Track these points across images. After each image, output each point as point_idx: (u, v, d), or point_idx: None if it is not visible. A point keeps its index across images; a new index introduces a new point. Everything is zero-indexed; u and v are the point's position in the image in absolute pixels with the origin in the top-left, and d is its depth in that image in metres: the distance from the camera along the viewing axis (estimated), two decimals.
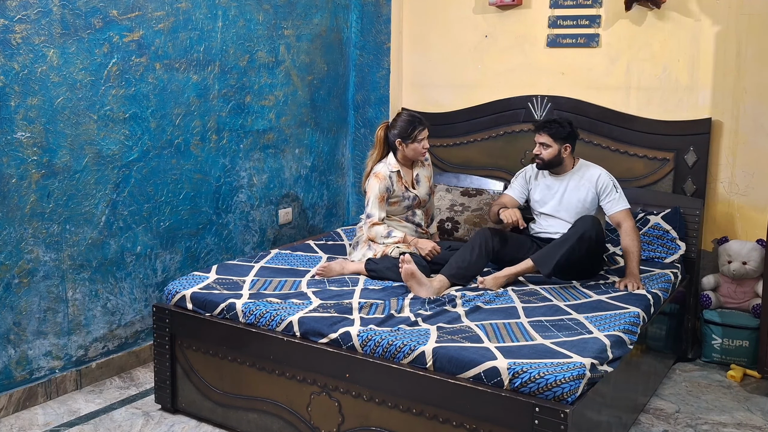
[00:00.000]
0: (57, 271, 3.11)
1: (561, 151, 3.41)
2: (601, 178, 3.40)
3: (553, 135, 3.38)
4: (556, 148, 3.39)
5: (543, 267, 3.14)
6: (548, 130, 3.39)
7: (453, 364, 2.35)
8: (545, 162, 3.43)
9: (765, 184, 3.63)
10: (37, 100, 2.97)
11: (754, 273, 3.58)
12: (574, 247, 3.11)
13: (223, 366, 2.87)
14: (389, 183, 3.41)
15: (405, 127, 3.41)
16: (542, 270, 3.15)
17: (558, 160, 3.43)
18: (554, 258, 3.11)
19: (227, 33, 3.78)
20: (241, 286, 3.05)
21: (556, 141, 3.39)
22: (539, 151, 3.43)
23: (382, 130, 3.49)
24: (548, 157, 3.41)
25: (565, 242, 3.13)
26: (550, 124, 3.41)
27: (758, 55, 3.59)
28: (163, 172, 3.51)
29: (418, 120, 3.43)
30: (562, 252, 3.10)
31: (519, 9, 4.16)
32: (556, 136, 3.38)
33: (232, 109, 3.86)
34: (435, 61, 4.49)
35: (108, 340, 3.37)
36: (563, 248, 3.11)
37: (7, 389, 2.99)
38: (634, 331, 2.69)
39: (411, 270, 3.01)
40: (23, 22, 2.89)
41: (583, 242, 3.12)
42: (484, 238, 3.27)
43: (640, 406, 3.06)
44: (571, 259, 3.13)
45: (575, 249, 3.11)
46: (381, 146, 3.49)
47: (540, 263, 3.15)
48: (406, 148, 3.42)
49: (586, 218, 3.19)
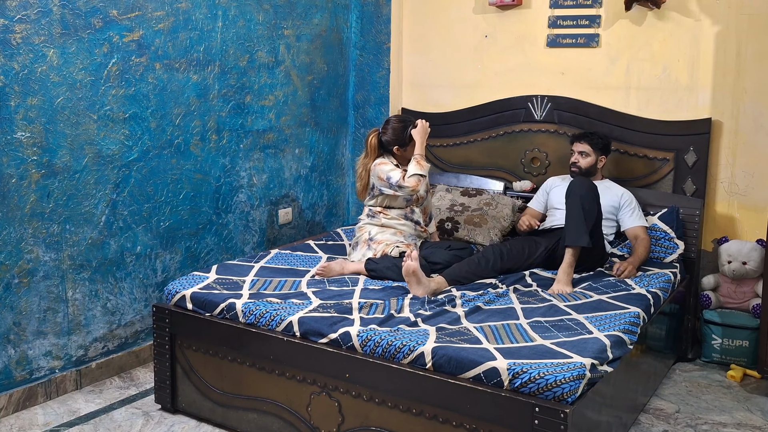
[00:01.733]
0: (57, 271, 3.11)
1: (597, 162, 3.64)
2: (627, 194, 3.65)
3: (592, 145, 3.62)
4: (593, 157, 3.63)
5: (581, 241, 3.15)
6: (588, 140, 3.63)
7: (453, 364, 2.35)
8: (582, 170, 3.64)
9: (765, 184, 3.63)
10: (37, 100, 2.97)
11: (754, 273, 3.58)
12: (582, 207, 3.15)
13: (223, 366, 2.87)
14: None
15: (399, 133, 3.45)
16: (583, 244, 3.15)
17: (593, 170, 3.65)
18: (581, 228, 3.15)
19: (227, 33, 3.78)
20: (241, 286, 3.05)
21: (595, 151, 3.62)
22: (577, 159, 3.65)
23: (375, 138, 3.51)
24: (586, 165, 3.63)
25: (573, 210, 3.18)
26: (591, 134, 3.66)
27: (758, 55, 3.59)
28: (163, 172, 3.51)
29: (409, 122, 3.49)
30: (581, 218, 3.15)
31: (519, 9, 4.16)
32: (596, 146, 3.62)
33: (232, 109, 3.86)
34: (435, 61, 4.49)
35: (108, 340, 3.37)
36: (578, 215, 3.16)
37: (7, 389, 2.99)
38: (634, 331, 2.69)
39: (413, 267, 3.01)
40: (23, 22, 2.89)
41: (585, 199, 3.18)
42: (499, 255, 3.36)
43: (640, 406, 3.06)
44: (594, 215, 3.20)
45: (585, 208, 3.16)
46: (374, 153, 3.52)
47: (576, 241, 3.15)
48: (405, 152, 3.48)
49: (573, 183, 3.26)
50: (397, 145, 3.45)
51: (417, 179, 3.36)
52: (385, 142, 3.48)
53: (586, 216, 3.16)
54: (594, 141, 3.63)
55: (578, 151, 3.65)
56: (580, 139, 3.66)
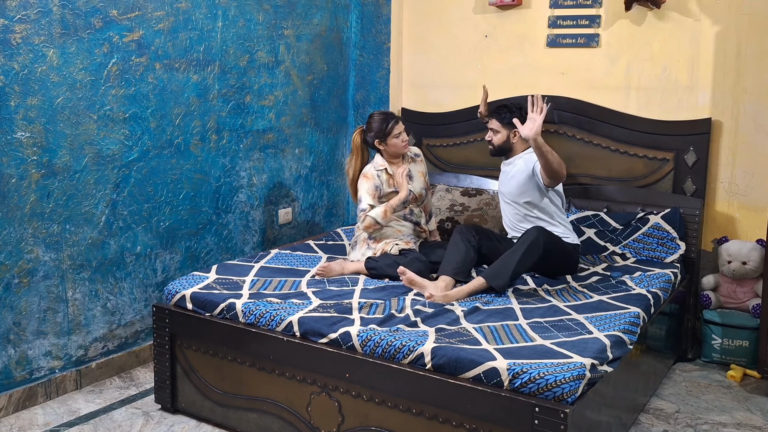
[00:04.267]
0: (57, 271, 3.11)
1: (510, 137, 3.46)
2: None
3: (501, 121, 3.46)
4: (504, 133, 3.47)
5: (495, 282, 3.03)
6: (497, 116, 3.47)
7: (453, 364, 2.35)
8: (495, 148, 3.51)
9: (765, 184, 3.63)
10: (37, 100, 2.97)
11: (754, 273, 3.58)
12: (524, 257, 3.04)
13: (223, 366, 2.87)
14: (378, 182, 3.43)
15: (379, 126, 3.44)
16: (495, 285, 3.02)
17: (507, 146, 3.49)
18: (507, 272, 3.02)
19: (227, 33, 3.78)
20: (241, 286, 3.06)
21: (504, 126, 3.45)
22: (490, 137, 3.51)
23: (358, 136, 3.51)
24: (498, 142, 3.49)
25: (514, 254, 3.05)
26: (499, 109, 3.49)
27: (758, 55, 3.58)
28: (163, 172, 3.51)
29: (390, 115, 3.47)
30: (513, 264, 3.03)
31: (519, 9, 4.16)
32: (504, 122, 3.45)
33: (232, 109, 3.86)
34: (435, 61, 4.49)
35: (108, 340, 3.37)
36: (513, 261, 3.03)
37: (7, 389, 2.99)
38: (634, 331, 2.69)
39: (410, 279, 3.01)
40: (23, 22, 2.89)
41: (532, 251, 3.06)
42: (463, 233, 3.25)
43: (640, 406, 3.06)
44: (526, 268, 3.08)
45: (526, 259, 3.05)
46: (359, 152, 3.52)
47: (492, 279, 3.04)
48: (386, 145, 3.45)
49: (531, 230, 3.13)
50: (378, 138, 3.44)
51: (373, 223, 3.34)
52: (369, 138, 3.47)
53: (519, 263, 3.02)
54: (502, 116, 3.45)
55: (490, 128, 3.51)
56: (490, 116, 3.53)
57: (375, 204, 3.38)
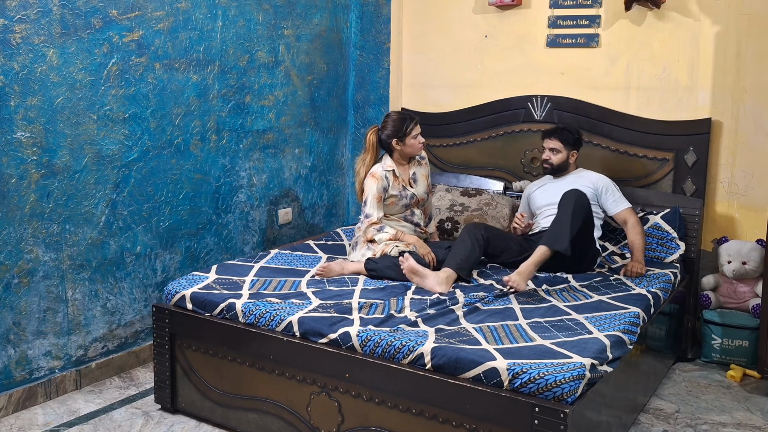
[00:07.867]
0: (57, 271, 3.11)
1: (569, 157, 3.61)
2: (602, 179, 3.59)
3: (563, 141, 3.58)
4: (565, 153, 3.60)
5: (558, 245, 3.05)
6: (559, 136, 3.59)
7: (452, 364, 2.35)
8: (554, 167, 3.62)
9: (765, 184, 3.63)
10: (37, 100, 2.97)
11: (754, 273, 3.58)
12: (574, 217, 3.09)
13: (223, 366, 2.87)
14: (385, 183, 3.43)
15: (398, 126, 3.43)
16: (559, 248, 3.05)
17: (565, 166, 3.63)
18: (565, 233, 3.06)
19: (227, 33, 3.78)
20: (240, 286, 3.06)
21: (566, 147, 3.59)
22: (548, 156, 3.61)
23: (373, 135, 3.50)
24: (557, 162, 3.61)
25: (564, 216, 3.10)
26: (561, 130, 3.61)
27: (758, 55, 3.59)
28: (163, 172, 3.51)
29: (408, 117, 3.47)
30: (568, 224, 3.07)
31: (519, 9, 4.16)
32: (566, 142, 3.59)
33: (232, 109, 3.86)
34: (435, 61, 4.49)
35: (108, 340, 3.37)
36: (566, 221, 3.08)
37: (6, 389, 2.99)
38: (633, 331, 2.69)
39: (411, 267, 3.01)
40: (23, 22, 2.89)
41: (578, 211, 3.12)
42: (471, 231, 3.31)
43: (639, 406, 3.06)
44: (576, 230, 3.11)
45: (576, 219, 3.10)
46: (373, 150, 3.51)
47: (554, 243, 3.07)
48: (404, 145, 3.45)
49: (568, 192, 3.19)
50: (396, 138, 3.44)
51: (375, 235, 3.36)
52: (384, 137, 3.47)
53: (572, 223, 3.08)
54: (564, 137, 3.58)
55: (549, 148, 3.61)
56: (551, 136, 3.61)
57: (380, 213, 3.39)
